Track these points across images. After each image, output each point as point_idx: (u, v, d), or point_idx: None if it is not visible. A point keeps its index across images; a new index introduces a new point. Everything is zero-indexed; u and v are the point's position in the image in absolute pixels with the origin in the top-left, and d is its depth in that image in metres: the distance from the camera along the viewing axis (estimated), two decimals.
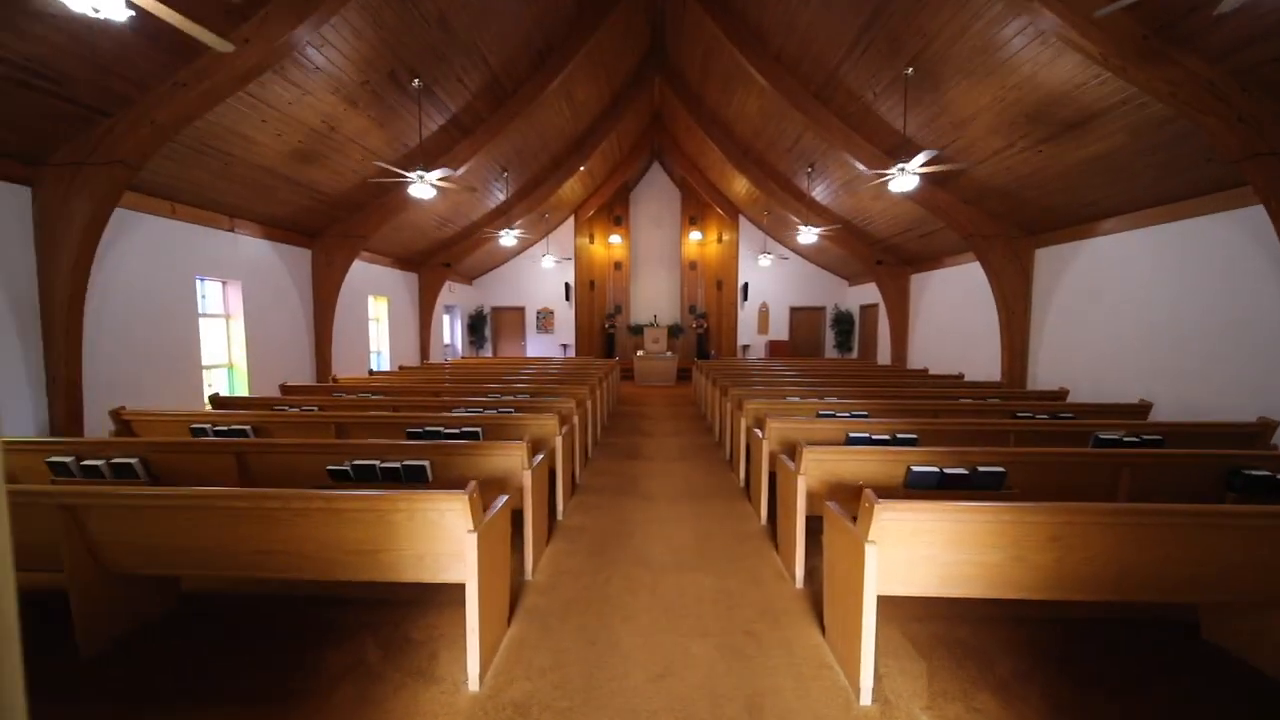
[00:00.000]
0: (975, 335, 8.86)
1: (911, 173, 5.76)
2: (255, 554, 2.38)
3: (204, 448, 3.42)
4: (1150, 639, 2.63)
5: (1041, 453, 3.19)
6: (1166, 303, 5.48)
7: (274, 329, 7.43)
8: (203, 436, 4.31)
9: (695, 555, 3.60)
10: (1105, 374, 6.26)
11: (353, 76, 5.44)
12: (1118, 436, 3.91)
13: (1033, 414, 4.87)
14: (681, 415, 9.14)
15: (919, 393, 6.14)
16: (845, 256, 12.43)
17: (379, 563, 2.36)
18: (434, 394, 6.31)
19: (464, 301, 14.72)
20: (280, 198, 6.69)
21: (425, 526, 2.29)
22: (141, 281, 5.47)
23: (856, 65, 6.27)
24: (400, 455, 3.31)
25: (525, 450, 3.25)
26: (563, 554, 3.60)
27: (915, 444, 3.95)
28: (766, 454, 4.11)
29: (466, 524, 2.24)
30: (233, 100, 4.85)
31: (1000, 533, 2.19)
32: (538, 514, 3.42)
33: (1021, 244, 7.55)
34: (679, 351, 14.71)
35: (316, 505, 2.28)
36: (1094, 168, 5.48)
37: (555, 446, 4.30)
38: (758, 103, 8.57)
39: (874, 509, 2.13)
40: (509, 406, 5.16)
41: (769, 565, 3.45)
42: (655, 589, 3.11)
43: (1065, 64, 4.54)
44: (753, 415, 5.07)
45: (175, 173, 5.42)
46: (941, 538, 2.22)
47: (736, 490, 5.04)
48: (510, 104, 7.66)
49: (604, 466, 5.89)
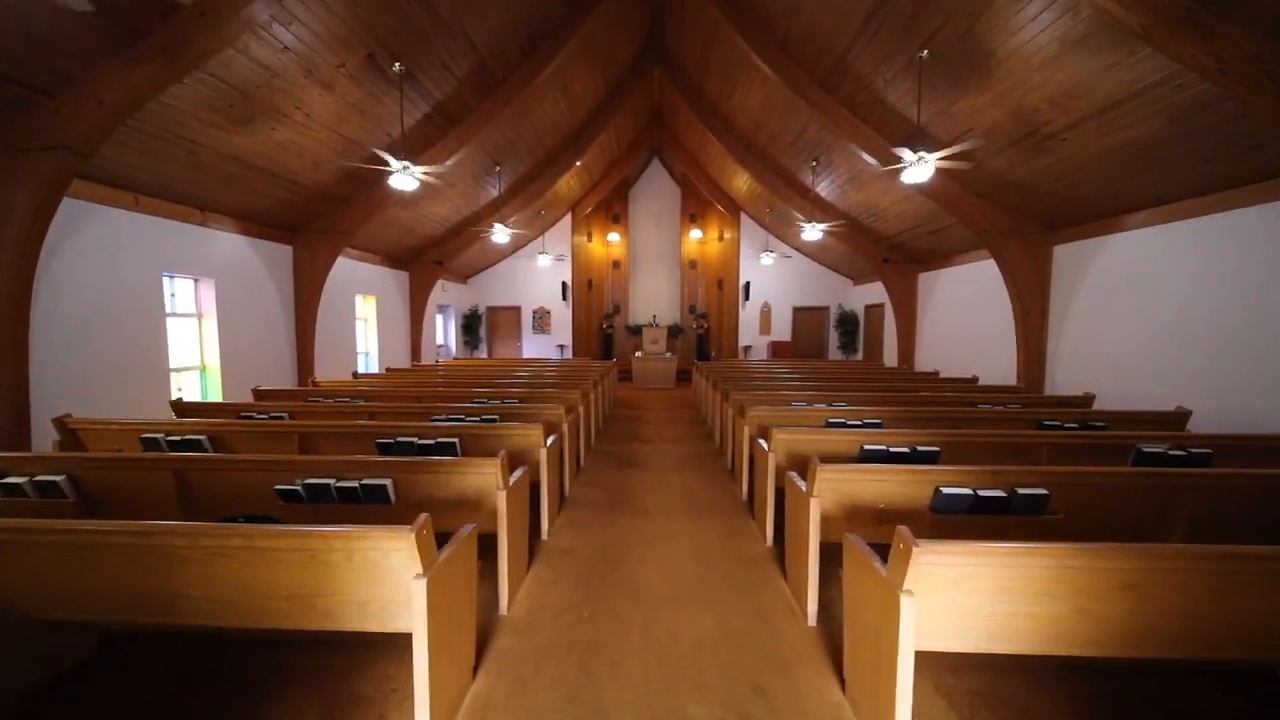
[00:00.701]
0: (988, 336, 8.46)
1: (931, 162, 5.36)
2: (167, 598, 2.00)
3: (139, 464, 3.04)
4: (1234, 692, 2.24)
5: (1088, 472, 2.79)
6: (1204, 302, 5.08)
7: (251, 329, 7.05)
8: (153, 450, 3.93)
9: (694, 584, 3.22)
10: (1133, 379, 5.86)
11: (326, 58, 5.06)
12: (1162, 450, 3.53)
13: (1060, 423, 4.48)
14: (680, 420, 8.75)
15: (934, 398, 5.75)
16: (850, 255, 12.04)
17: (314, 609, 1.98)
18: (416, 399, 5.93)
19: (458, 301, 14.34)
20: (255, 190, 6.31)
21: (367, 569, 1.90)
22: (101, 278, 5.09)
23: (866, 49, 5.88)
24: (361, 472, 2.93)
25: (500, 467, 2.87)
26: (544, 583, 3.21)
27: (937, 459, 3.57)
28: (772, 468, 3.72)
29: (414, 567, 1.85)
30: (194, 83, 4.47)
31: (1061, 579, 1.80)
32: (515, 539, 3.03)
33: (1038, 240, 7.16)
34: (679, 352, 14.31)
35: (235, 543, 1.90)
36: (1123, 156, 5.09)
37: (540, 459, 3.91)
38: (761, 94, 8.18)
39: (911, 552, 1.74)
40: (494, 414, 4.78)
41: (777, 597, 3.06)
42: (648, 628, 2.73)
43: (1097, 41, 4.15)
44: (756, 424, 4.68)
45: (136, 161, 5.04)
46: (989, 584, 1.83)
47: (739, 505, 4.65)
48: (500, 93, 7.27)
49: (597, 477, 5.51)
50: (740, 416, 5.11)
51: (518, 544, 3.10)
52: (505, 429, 4.00)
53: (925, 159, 5.33)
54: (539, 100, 8.19)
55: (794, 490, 3.07)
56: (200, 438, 3.97)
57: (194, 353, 6.51)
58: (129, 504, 3.07)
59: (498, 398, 5.70)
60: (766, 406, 4.94)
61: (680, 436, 7.48)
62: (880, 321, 12.45)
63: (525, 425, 3.97)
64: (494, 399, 5.62)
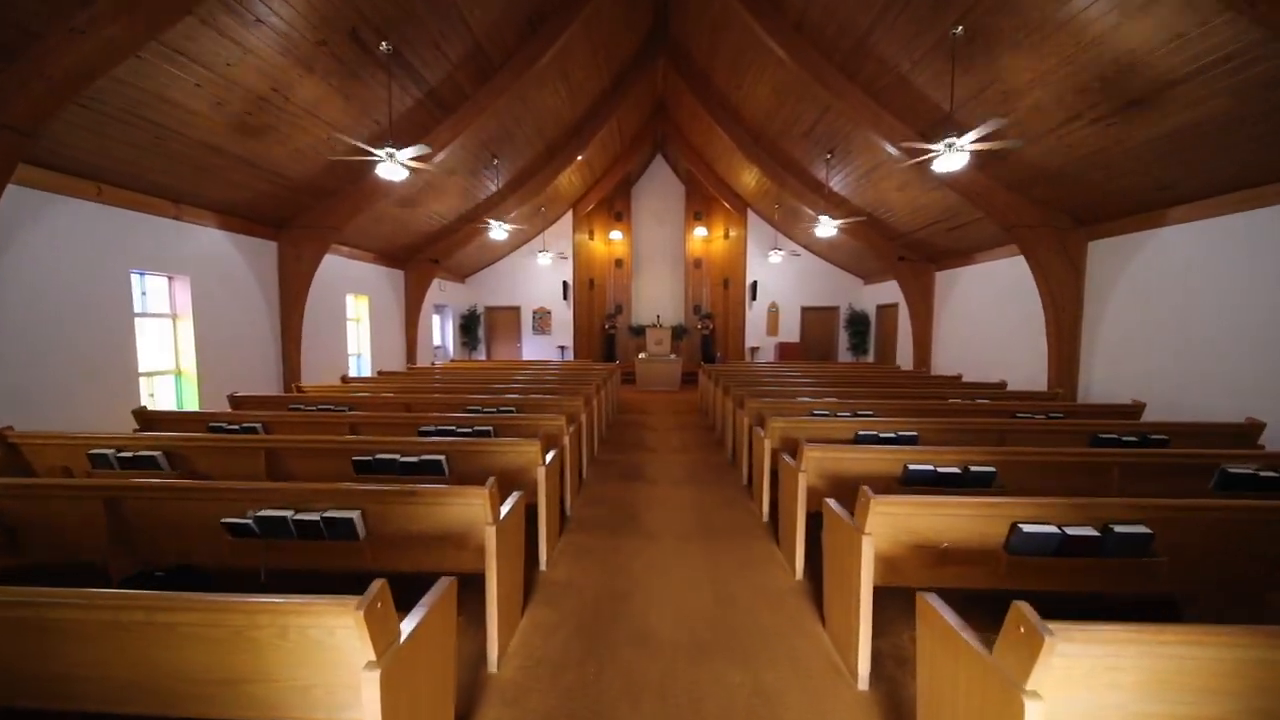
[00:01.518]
0: (1012, 339, 8.00)
1: (962, 148, 4.92)
2: (54, 680, 1.55)
3: (61, 492, 2.59)
4: None
5: (1204, 506, 2.33)
6: (1263, 302, 4.63)
7: (231, 331, 6.60)
8: (102, 468, 3.49)
9: (714, 628, 2.76)
10: (1181, 385, 5.39)
11: (306, 34, 4.61)
12: (1251, 471, 3.07)
13: (1118, 436, 4.03)
14: (687, 425, 8.30)
15: (967, 406, 5.29)
16: (862, 253, 11.58)
17: (244, 696, 1.53)
18: (405, 407, 5.48)
19: (456, 301, 13.89)
20: (232, 180, 5.86)
21: (306, 649, 1.45)
22: (59, 275, 4.64)
23: (892, 28, 5.42)
24: (325, 502, 2.48)
25: (489, 498, 2.42)
26: (542, 630, 2.76)
27: (992, 481, 3.12)
28: (803, 491, 3.26)
29: (364, 652, 1.40)
30: (154, 58, 4.03)
31: (1236, 673, 1.34)
32: (506, 580, 2.58)
33: (1072, 236, 6.69)
34: (683, 354, 13.84)
35: (135, 617, 1.45)
36: (1177, 142, 4.63)
37: (538, 479, 3.46)
38: (772, 81, 7.73)
39: (1043, 643, 1.27)
40: (489, 424, 4.33)
41: (815, 648, 2.60)
42: (664, 691, 2.27)
43: (1161, 9, 3.69)
44: (777, 436, 4.23)
45: (96, 146, 4.59)
46: (1134, 677, 1.37)
47: (759, 526, 4.20)
48: (498, 79, 6.82)
49: (601, 492, 5.06)
50: (758, 426, 4.66)
51: (510, 585, 2.65)
52: (499, 445, 3.55)
53: (957, 145, 4.89)
54: (538, 88, 7.74)
55: (836, 523, 2.62)
56: (155, 454, 3.52)
57: (169, 356, 6.06)
58: (57, 537, 2.63)
59: (493, 406, 5.25)
60: (785, 417, 4.48)
61: (688, 444, 7.03)
62: (893, 322, 11.99)
63: (522, 441, 3.51)
64: (489, 408, 5.17)
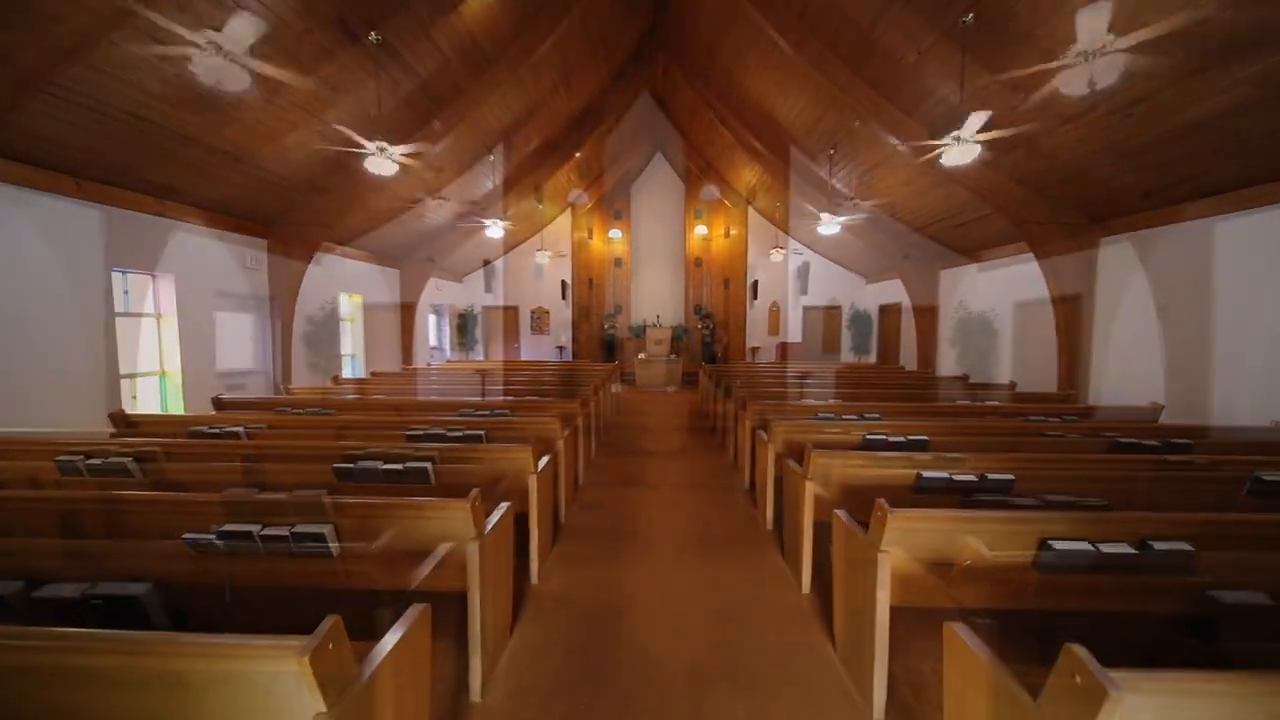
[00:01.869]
0: (1020, 338, 7.82)
1: (968, 140, 4.74)
2: None
3: (12, 503, 2.41)
4: None
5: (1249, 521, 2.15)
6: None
7: (219, 330, 6.42)
8: (71, 475, 3.31)
9: (716, 650, 2.58)
10: (1198, 388, 5.21)
11: (290, 23, 4.43)
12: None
13: (1137, 441, 3.83)
14: (688, 428, 8.11)
15: (977, 408, 5.10)
16: (865, 251, 11.40)
17: None
18: (395, 410, 5.30)
19: (453, 300, 13.71)
20: (218, 176, 5.67)
21: (252, 696, 1.27)
22: (33, 272, 4.46)
23: (899, 17, 5.24)
24: (296, 516, 2.29)
25: (472, 510, 2.23)
26: (532, 651, 2.57)
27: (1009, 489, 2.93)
28: (810, 501, 3.07)
29: (311, 702, 1.21)
30: (127, 44, 3.85)
31: None
32: (493, 601, 2.39)
33: (1084, 233, 6.50)
34: (683, 354, 13.65)
35: (43, 660, 1.26)
36: (1201, 132, 4.44)
37: (530, 486, 3.28)
38: (774, 76, 7.55)
39: (1106, 697, 1.08)
40: (480, 428, 4.14)
41: (824, 670, 2.42)
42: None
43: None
44: (782, 441, 4.04)
45: (71, 139, 4.41)
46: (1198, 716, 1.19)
47: (762, 536, 4.01)
48: (492, 72, 6.64)
49: (597, 496, 4.87)
50: (761, 430, 4.47)
51: (496, 604, 2.47)
52: (489, 451, 3.37)
53: (960, 137, 4.72)
54: (535, 82, 7.57)
55: (848, 538, 2.43)
56: (126, 460, 3.33)
57: (153, 357, 5.88)
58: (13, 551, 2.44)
59: (487, 409, 5.06)
60: (789, 420, 4.29)
61: (688, 447, 6.84)
62: (896, 322, 11.80)
63: (513, 447, 3.33)
64: (482, 410, 4.98)
